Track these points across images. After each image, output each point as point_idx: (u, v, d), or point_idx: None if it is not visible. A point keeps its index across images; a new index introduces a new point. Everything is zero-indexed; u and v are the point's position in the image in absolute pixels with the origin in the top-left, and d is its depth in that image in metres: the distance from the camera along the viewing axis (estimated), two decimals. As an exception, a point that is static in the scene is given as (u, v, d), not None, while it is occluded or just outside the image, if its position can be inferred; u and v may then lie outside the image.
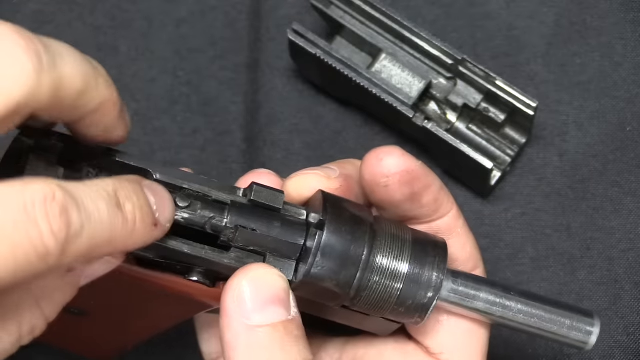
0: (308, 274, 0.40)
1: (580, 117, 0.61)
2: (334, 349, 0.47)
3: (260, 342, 0.38)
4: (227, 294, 0.39)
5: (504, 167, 0.59)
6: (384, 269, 0.41)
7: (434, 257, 0.42)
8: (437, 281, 0.41)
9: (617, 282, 0.58)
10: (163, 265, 0.40)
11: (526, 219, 0.59)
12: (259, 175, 0.45)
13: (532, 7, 0.62)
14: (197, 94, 0.62)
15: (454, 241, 0.45)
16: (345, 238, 0.40)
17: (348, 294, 0.41)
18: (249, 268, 0.39)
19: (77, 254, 0.31)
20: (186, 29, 0.63)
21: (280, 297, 0.39)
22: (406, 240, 0.42)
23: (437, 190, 0.43)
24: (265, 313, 0.38)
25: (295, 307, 0.39)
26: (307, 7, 0.61)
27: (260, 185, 0.41)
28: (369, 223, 0.41)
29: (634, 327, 0.57)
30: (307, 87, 0.62)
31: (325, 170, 0.44)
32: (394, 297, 0.41)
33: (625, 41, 0.61)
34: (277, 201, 0.40)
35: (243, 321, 0.38)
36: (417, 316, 0.42)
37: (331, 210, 0.41)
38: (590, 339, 0.44)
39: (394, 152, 0.42)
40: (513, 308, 0.43)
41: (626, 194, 0.59)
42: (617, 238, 0.59)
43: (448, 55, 0.57)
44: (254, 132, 0.61)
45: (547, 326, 0.44)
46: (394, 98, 0.57)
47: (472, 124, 0.59)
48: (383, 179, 0.42)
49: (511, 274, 0.59)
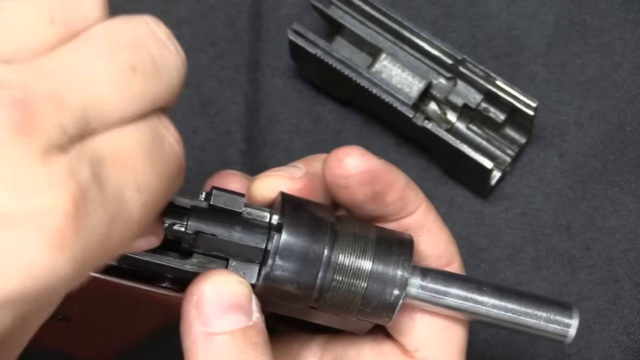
0: (267, 277, 0.39)
1: (580, 117, 0.61)
2: (317, 346, 0.47)
3: (217, 350, 0.38)
4: (186, 300, 0.39)
5: (504, 167, 0.59)
6: (346, 269, 0.40)
7: (398, 255, 0.41)
8: (403, 279, 0.41)
9: (617, 282, 0.58)
10: (131, 272, 0.40)
11: (526, 219, 0.59)
12: (225, 176, 0.45)
13: (532, 7, 0.62)
14: (197, 94, 0.62)
15: (425, 237, 0.44)
16: (304, 239, 0.40)
17: (311, 296, 0.40)
18: (208, 274, 0.39)
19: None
20: (186, 29, 0.63)
21: (239, 304, 0.39)
22: (369, 239, 0.41)
23: (401, 188, 0.43)
24: (223, 320, 0.38)
25: (257, 311, 0.39)
26: (307, 7, 0.61)
27: (219, 189, 0.40)
28: (330, 223, 0.41)
29: (634, 327, 0.57)
30: (307, 87, 0.62)
31: (289, 170, 0.44)
32: (359, 297, 0.41)
33: (625, 41, 0.62)
34: (237, 205, 0.40)
35: (202, 328, 0.38)
36: (384, 315, 0.41)
37: (289, 212, 0.40)
38: (569, 331, 0.43)
39: (353, 152, 0.42)
40: (486, 303, 0.43)
41: (626, 194, 0.59)
42: (617, 238, 0.59)
43: (448, 55, 0.57)
44: (254, 132, 0.61)
45: (524, 320, 0.43)
46: (394, 98, 0.57)
47: (472, 124, 0.59)
48: (343, 180, 0.42)
49: (511, 274, 0.59)
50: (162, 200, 0.32)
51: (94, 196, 0.29)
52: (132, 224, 0.30)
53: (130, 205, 0.30)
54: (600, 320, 0.57)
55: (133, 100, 0.31)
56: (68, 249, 0.28)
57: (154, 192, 0.31)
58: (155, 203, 0.31)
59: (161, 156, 0.32)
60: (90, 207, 0.28)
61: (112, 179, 0.29)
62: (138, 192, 0.30)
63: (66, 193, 0.28)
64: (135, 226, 0.30)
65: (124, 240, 0.30)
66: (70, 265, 0.28)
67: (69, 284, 0.29)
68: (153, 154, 0.31)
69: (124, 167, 0.30)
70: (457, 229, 0.59)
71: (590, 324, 0.57)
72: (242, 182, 0.44)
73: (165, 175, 0.32)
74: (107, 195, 0.29)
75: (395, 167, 0.43)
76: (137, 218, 0.30)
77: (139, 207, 0.30)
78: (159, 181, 0.31)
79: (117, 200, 0.29)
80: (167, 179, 0.32)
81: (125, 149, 0.30)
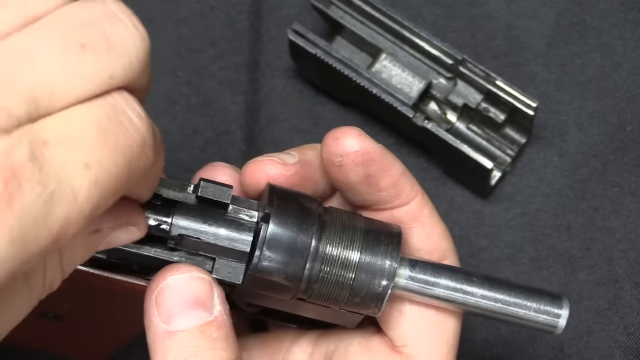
0: (255, 268, 0.39)
1: (580, 117, 0.61)
2: (308, 343, 0.47)
3: (176, 347, 0.38)
4: (147, 296, 0.39)
5: (504, 167, 0.59)
6: (334, 259, 0.40)
7: (387, 245, 0.41)
8: (391, 269, 0.41)
9: (617, 282, 0.58)
10: (120, 266, 0.40)
11: (526, 219, 0.60)
12: (214, 168, 0.45)
13: (532, 7, 0.62)
14: (197, 94, 0.62)
15: (418, 230, 0.44)
16: (291, 229, 0.40)
17: (299, 287, 0.40)
18: (168, 270, 0.39)
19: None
20: (186, 29, 0.63)
21: (199, 299, 0.39)
22: (357, 229, 0.41)
23: (396, 175, 0.43)
24: (182, 317, 0.38)
25: (219, 304, 0.39)
26: (307, 7, 0.61)
27: (207, 181, 0.40)
28: (317, 214, 0.41)
29: (634, 327, 0.57)
30: (307, 87, 0.62)
31: (282, 156, 0.44)
32: (347, 287, 0.41)
33: (625, 41, 0.62)
34: (225, 196, 0.40)
35: (161, 325, 0.38)
36: (373, 306, 0.42)
37: (277, 202, 0.40)
38: (559, 321, 0.43)
39: (350, 132, 0.42)
40: (475, 293, 0.43)
41: (626, 194, 0.59)
42: (617, 238, 0.59)
43: (448, 55, 0.57)
44: (254, 132, 0.61)
45: (513, 310, 0.43)
46: (394, 98, 0.57)
47: (472, 124, 0.59)
48: (337, 158, 0.42)
49: (511, 274, 0.59)
50: (120, 178, 0.32)
51: (30, 175, 0.29)
52: (80, 202, 0.30)
53: (77, 183, 0.30)
54: (600, 320, 0.57)
55: (83, 78, 0.30)
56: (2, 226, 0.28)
57: (107, 170, 0.31)
58: (112, 181, 0.31)
59: (117, 133, 0.31)
60: (25, 185, 0.29)
61: (55, 158, 0.30)
62: (86, 170, 0.30)
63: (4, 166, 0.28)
64: (85, 204, 0.30)
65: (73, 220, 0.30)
66: (9, 245, 0.28)
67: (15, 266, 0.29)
68: (106, 132, 0.31)
69: (71, 146, 0.30)
70: (457, 229, 0.59)
71: (590, 324, 0.57)
72: (232, 174, 0.45)
73: (123, 153, 0.31)
74: (47, 174, 0.29)
75: (393, 155, 0.43)
76: (87, 196, 0.30)
77: (88, 185, 0.30)
78: (113, 158, 0.31)
79: (59, 179, 0.30)
80: (124, 156, 0.31)
81: (75, 127, 0.30)
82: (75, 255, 0.35)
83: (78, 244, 0.35)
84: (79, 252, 0.35)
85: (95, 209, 0.31)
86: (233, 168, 0.45)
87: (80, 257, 0.36)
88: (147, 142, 0.33)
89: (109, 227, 0.37)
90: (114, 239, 0.37)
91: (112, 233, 0.37)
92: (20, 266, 0.29)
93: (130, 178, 0.32)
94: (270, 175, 0.43)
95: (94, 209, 0.31)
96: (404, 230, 0.43)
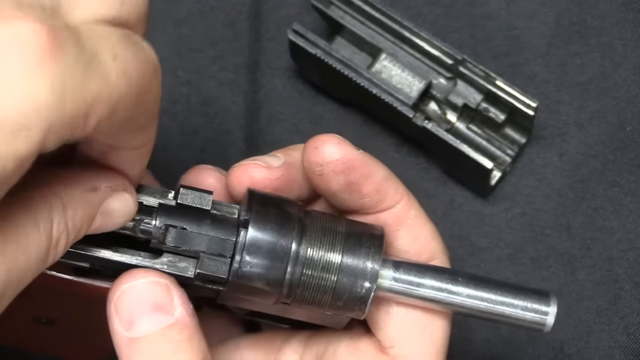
0: (236, 274, 0.39)
1: (580, 117, 0.61)
2: (299, 343, 0.47)
3: (139, 354, 0.38)
4: (107, 304, 0.39)
5: (504, 167, 0.59)
6: (315, 263, 0.40)
7: (368, 247, 0.41)
8: (373, 271, 0.41)
9: (617, 282, 0.58)
10: (104, 273, 0.40)
11: (526, 219, 0.60)
12: (199, 171, 0.45)
13: (532, 7, 0.62)
14: (197, 94, 0.62)
15: (404, 232, 0.44)
16: (270, 234, 0.40)
17: (281, 292, 0.40)
18: (124, 277, 0.39)
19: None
20: (186, 29, 0.63)
21: (157, 303, 0.38)
22: (338, 232, 0.41)
23: (378, 181, 0.43)
24: (142, 323, 0.38)
25: (181, 304, 0.39)
26: (307, 7, 0.61)
27: (187, 188, 0.40)
28: (298, 218, 0.41)
29: (634, 327, 0.57)
30: (307, 87, 0.62)
31: (267, 159, 0.44)
32: (330, 291, 0.41)
33: (625, 41, 0.62)
34: (205, 202, 0.40)
35: (122, 333, 0.38)
36: (357, 309, 0.41)
37: (256, 207, 0.40)
38: (547, 319, 0.43)
39: (329, 140, 0.42)
40: (461, 293, 0.42)
41: (626, 194, 0.59)
42: (617, 238, 0.59)
43: (448, 55, 0.57)
44: (254, 132, 0.61)
45: (500, 309, 0.43)
46: (394, 98, 0.57)
47: (472, 124, 0.59)
48: (317, 168, 0.42)
49: (511, 274, 0.59)
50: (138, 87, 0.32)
51: (68, 38, 0.30)
52: (111, 86, 0.31)
53: (106, 67, 0.31)
54: (600, 320, 0.57)
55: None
56: (47, 72, 0.29)
57: (129, 68, 0.31)
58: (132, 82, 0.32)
59: (136, 46, 0.32)
60: (66, 45, 0.29)
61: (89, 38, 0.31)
62: (115, 60, 0.31)
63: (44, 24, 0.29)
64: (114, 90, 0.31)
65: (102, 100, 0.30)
66: (50, 94, 0.29)
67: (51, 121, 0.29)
68: (128, 40, 0.32)
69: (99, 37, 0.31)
70: (457, 229, 0.59)
71: (590, 324, 0.57)
72: (217, 177, 0.44)
73: (142, 64, 0.32)
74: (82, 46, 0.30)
75: (375, 160, 0.43)
76: (115, 82, 0.31)
77: (115, 73, 0.31)
78: (135, 64, 0.32)
79: (92, 56, 0.30)
80: (143, 69, 0.32)
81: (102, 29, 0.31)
82: (76, 213, 0.35)
83: (79, 201, 0.35)
84: (79, 210, 0.35)
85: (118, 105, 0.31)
86: (219, 171, 0.45)
87: (81, 218, 0.35)
88: (158, 70, 0.34)
89: (106, 185, 0.37)
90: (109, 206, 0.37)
91: (108, 197, 0.37)
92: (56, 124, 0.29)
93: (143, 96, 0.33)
94: (255, 178, 0.43)
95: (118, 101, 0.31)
96: (389, 233, 0.43)
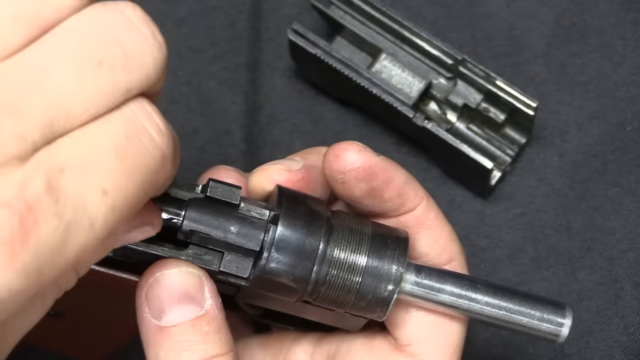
0: (263, 269, 0.39)
1: (580, 117, 0.61)
2: (309, 344, 0.47)
3: (167, 342, 0.38)
4: (137, 293, 0.39)
5: (504, 167, 0.59)
6: (342, 263, 0.41)
7: (393, 249, 0.41)
8: (397, 274, 0.41)
9: (617, 282, 0.58)
10: (126, 264, 0.40)
11: (526, 219, 0.60)
12: (219, 171, 0.45)
13: (532, 7, 0.62)
14: (196, 94, 0.62)
15: (425, 234, 0.44)
16: (300, 232, 0.40)
17: (306, 289, 0.40)
18: (158, 266, 0.39)
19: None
20: (186, 29, 0.63)
21: (188, 294, 0.39)
22: (365, 234, 0.41)
23: (400, 185, 0.43)
24: (173, 312, 0.38)
25: (211, 297, 0.39)
26: (307, 7, 0.61)
27: (216, 181, 0.40)
28: (326, 217, 0.41)
29: (634, 327, 0.57)
30: (307, 87, 0.62)
31: (287, 162, 0.44)
32: (354, 291, 0.41)
33: (625, 41, 0.62)
34: (234, 197, 0.40)
35: (152, 321, 0.38)
36: (379, 310, 0.42)
37: (286, 204, 0.40)
38: (562, 330, 0.43)
39: (350, 147, 0.42)
40: (480, 300, 0.43)
41: (626, 194, 0.59)
42: (617, 238, 0.59)
43: (448, 55, 0.57)
44: (254, 133, 0.61)
45: (516, 318, 0.43)
46: (394, 98, 0.57)
47: (472, 124, 0.59)
48: (339, 176, 0.42)
49: (511, 274, 0.59)
50: (138, 198, 0.31)
51: (46, 208, 0.28)
52: (97, 229, 0.30)
53: (93, 211, 0.29)
54: (600, 320, 0.57)
55: (100, 95, 0.30)
56: (18, 263, 0.27)
57: (124, 193, 0.30)
58: (129, 202, 0.31)
59: (135, 153, 0.31)
60: (41, 219, 0.28)
61: (72, 186, 0.29)
62: (103, 196, 0.30)
63: (13, 209, 0.27)
64: (102, 230, 0.30)
65: (89, 246, 0.30)
66: (23, 278, 0.28)
67: (28, 294, 0.29)
68: (125, 153, 0.30)
69: (88, 171, 0.29)
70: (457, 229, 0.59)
71: (590, 324, 0.57)
72: (237, 178, 0.44)
73: (141, 172, 0.31)
74: (63, 205, 0.28)
75: (395, 164, 0.43)
76: (103, 222, 0.30)
77: (105, 211, 0.30)
78: (131, 180, 0.30)
79: (76, 208, 0.29)
80: (143, 175, 0.31)
81: (92, 150, 0.30)
82: (90, 260, 0.35)
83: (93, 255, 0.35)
84: (93, 257, 0.35)
85: (112, 231, 0.31)
86: (238, 172, 0.45)
87: (94, 260, 0.35)
88: (167, 157, 0.32)
89: (123, 230, 0.36)
90: (127, 239, 0.37)
91: (126, 235, 0.37)
92: (35, 293, 0.29)
93: (148, 195, 0.32)
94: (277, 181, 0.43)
95: (110, 231, 0.30)
96: (410, 235, 0.43)
